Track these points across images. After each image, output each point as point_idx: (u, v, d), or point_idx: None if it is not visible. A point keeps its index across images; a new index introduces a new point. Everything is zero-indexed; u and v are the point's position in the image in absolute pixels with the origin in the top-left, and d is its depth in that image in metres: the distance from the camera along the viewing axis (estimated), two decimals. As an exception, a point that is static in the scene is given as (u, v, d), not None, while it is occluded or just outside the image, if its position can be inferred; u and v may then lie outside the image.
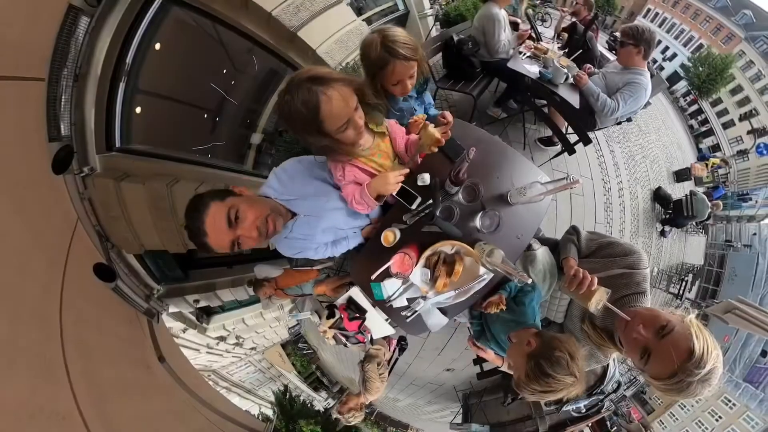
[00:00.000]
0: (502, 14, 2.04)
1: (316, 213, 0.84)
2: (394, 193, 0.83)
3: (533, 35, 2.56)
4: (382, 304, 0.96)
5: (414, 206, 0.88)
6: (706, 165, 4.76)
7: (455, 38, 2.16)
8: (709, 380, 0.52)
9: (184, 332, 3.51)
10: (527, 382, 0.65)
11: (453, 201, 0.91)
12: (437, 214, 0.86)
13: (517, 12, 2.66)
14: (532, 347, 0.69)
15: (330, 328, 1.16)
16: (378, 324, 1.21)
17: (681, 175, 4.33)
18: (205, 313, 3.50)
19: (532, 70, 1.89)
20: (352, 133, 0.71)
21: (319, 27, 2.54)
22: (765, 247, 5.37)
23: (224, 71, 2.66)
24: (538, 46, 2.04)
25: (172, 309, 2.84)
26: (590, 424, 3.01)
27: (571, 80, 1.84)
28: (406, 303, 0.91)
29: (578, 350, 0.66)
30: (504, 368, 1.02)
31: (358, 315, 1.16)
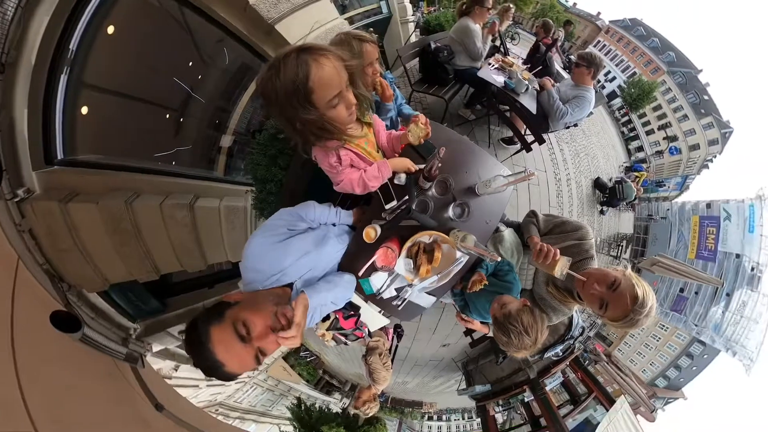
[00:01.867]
0: (477, 27, 2.20)
1: (311, 265, 0.76)
2: (411, 170, 0.91)
3: (502, 49, 2.81)
4: (374, 298, 0.97)
5: (392, 204, 0.91)
6: (637, 179, 6.30)
7: (432, 46, 2.28)
8: (651, 314, 0.69)
9: (176, 370, 3.02)
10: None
11: (427, 195, 0.96)
12: (414, 207, 0.90)
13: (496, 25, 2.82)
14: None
15: (327, 330, 1.13)
16: (373, 317, 1.21)
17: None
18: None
19: (498, 79, 2.12)
20: (343, 112, 0.63)
21: (300, 21, 2.25)
22: (676, 218, 7.35)
23: (190, 64, 2.23)
24: (505, 60, 2.29)
25: (156, 348, 2.40)
26: (568, 363, 3.58)
27: (531, 90, 2.10)
28: (395, 293, 0.95)
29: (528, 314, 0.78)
30: (491, 334, 1.09)
31: (352, 312, 1.14)
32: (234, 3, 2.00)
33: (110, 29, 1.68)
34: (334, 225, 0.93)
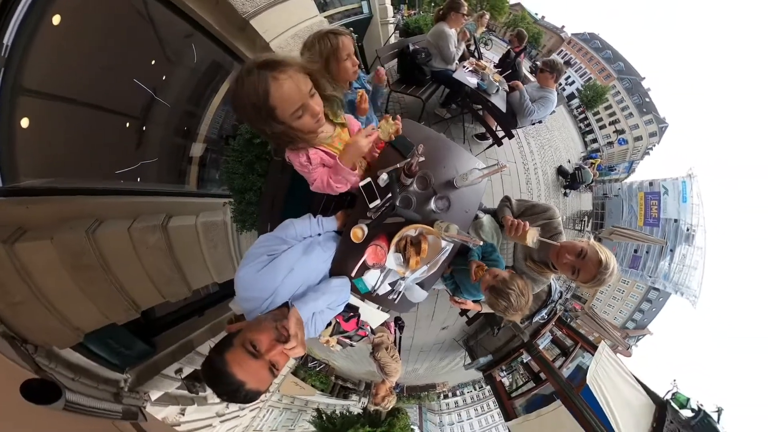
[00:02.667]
0: (452, 32, 2.25)
1: (301, 279, 0.77)
2: (372, 149, 0.86)
3: (476, 54, 2.94)
4: (370, 296, 0.97)
5: (376, 203, 0.91)
6: (593, 165, 7.62)
7: (411, 48, 2.32)
8: (614, 273, 0.80)
9: (183, 414, 2.66)
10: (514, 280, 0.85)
11: (409, 191, 0.98)
12: (397, 204, 0.91)
13: (470, 31, 2.87)
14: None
15: (331, 336, 1.11)
16: (372, 314, 1.21)
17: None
18: (196, 380, 2.61)
19: (472, 81, 2.21)
20: (309, 120, 0.64)
21: (277, 17, 2.00)
22: (626, 195, 8.58)
23: (153, 62, 1.79)
24: (478, 63, 2.35)
25: (154, 395, 2.09)
26: (554, 323, 4.05)
27: (501, 91, 2.26)
28: (389, 287, 0.96)
29: (518, 280, 0.86)
30: (484, 311, 1.17)
31: (352, 314, 1.13)
32: (206, -6, 1.68)
33: (56, 19, 1.23)
34: (319, 235, 0.91)
